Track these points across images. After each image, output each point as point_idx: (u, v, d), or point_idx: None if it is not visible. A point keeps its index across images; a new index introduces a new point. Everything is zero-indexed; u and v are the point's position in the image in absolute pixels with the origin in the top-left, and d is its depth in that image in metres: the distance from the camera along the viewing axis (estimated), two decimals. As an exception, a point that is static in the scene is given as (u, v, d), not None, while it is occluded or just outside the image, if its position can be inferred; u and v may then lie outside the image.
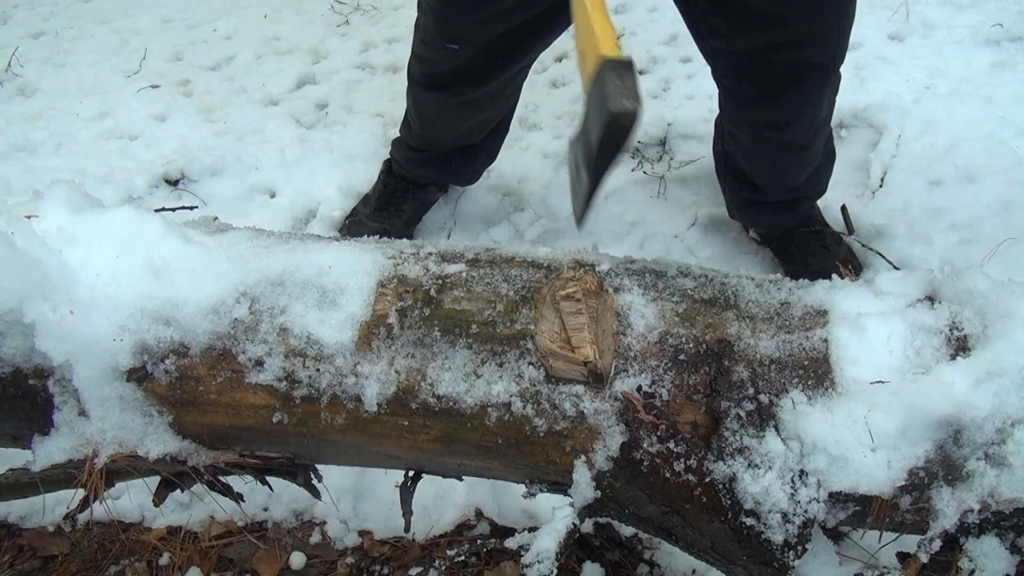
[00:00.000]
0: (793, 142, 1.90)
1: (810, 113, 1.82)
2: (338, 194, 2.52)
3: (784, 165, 1.99)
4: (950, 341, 1.03)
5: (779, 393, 1.02)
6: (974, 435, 0.97)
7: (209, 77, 3.15)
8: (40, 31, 3.49)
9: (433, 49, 1.85)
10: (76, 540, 1.89)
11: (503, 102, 2.07)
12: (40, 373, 1.07)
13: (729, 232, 2.37)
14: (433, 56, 1.87)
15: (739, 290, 1.12)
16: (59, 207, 1.10)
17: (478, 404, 1.05)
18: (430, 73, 1.93)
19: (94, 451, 1.07)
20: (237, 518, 1.90)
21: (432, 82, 1.94)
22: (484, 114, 2.07)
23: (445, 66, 1.86)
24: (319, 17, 3.38)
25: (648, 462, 1.01)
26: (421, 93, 2.01)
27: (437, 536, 1.85)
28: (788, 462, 0.98)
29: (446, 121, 2.09)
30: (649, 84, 2.84)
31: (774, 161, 1.98)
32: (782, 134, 1.87)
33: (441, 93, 1.94)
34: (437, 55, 1.84)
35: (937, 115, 2.57)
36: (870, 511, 1.02)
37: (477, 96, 1.94)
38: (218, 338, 1.08)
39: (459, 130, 2.12)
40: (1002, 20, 2.82)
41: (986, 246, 2.14)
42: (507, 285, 1.10)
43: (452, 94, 1.93)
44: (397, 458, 1.16)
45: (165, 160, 2.71)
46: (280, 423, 1.09)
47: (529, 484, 1.14)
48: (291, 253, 1.15)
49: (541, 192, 2.48)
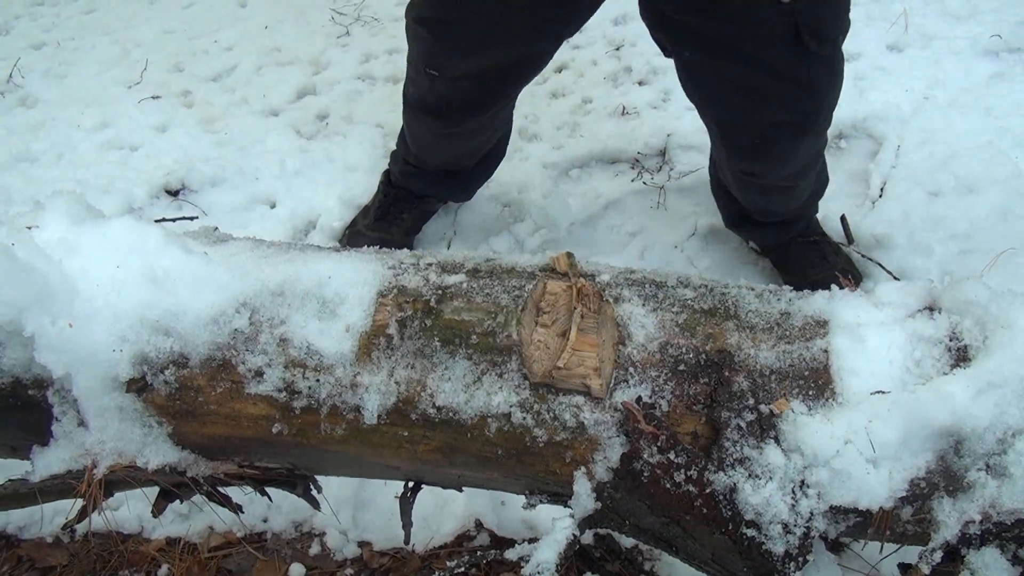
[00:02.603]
0: (773, 185, 1.92)
1: (785, 166, 1.82)
2: (338, 205, 2.52)
3: (767, 200, 2.01)
4: (950, 351, 1.02)
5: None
6: (975, 445, 0.97)
7: (210, 88, 3.15)
8: (42, 42, 3.51)
9: (416, 71, 1.85)
10: (75, 551, 1.88)
11: (492, 132, 2.08)
12: (40, 384, 1.07)
13: (729, 242, 2.37)
14: (417, 79, 1.87)
15: (739, 300, 1.12)
16: (60, 218, 1.11)
17: (478, 415, 1.05)
18: (418, 96, 1.93)
19: (93, 462, 1.07)
20: (236, 529, 1.89)
21: (420, 106, 1.94)
22: (473, 143, 2.08)
23: (429, 94, 1.86)
24: (320, 28, 3.39)
25: (648, 473, 1.01)
26: (413, 115, 2.02)
27: (437, 547, 1.84)
28: (789, 473, 0.98)
29: (437, 147, 2.10)
30: (649, 95, 2.85)
31: (757, 196, 2.00)
32: (758, 179, 1.88)
33: (429, 119, 1.95)
34: (420, 78, 1.84)
35: (936, 125, 2.58)
36: (871, 522, 1.02)
37: (462, 130, 1.95)
38: (218, 348, 1.08)
39: (450, 156, 2.14)
40: (1000, 31, 2.83)
41: (986, 256, 2.14)
42: (507, 296, 1.10)
43: (439, 124, 1.94)
44: (397, 469, 1.16)
45: (166, 171, 2.72)
46: (280, 434, 1.09)
47: (529, 495, 1.14)
48: (291, 263, 1.15)
49: (541, 202, 2.48)
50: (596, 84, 2.95)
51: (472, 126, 1.94)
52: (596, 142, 2.69)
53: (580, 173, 2.64)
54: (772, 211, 2.05)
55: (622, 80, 2.96)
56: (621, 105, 2.82)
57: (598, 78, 2.97)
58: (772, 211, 2.05)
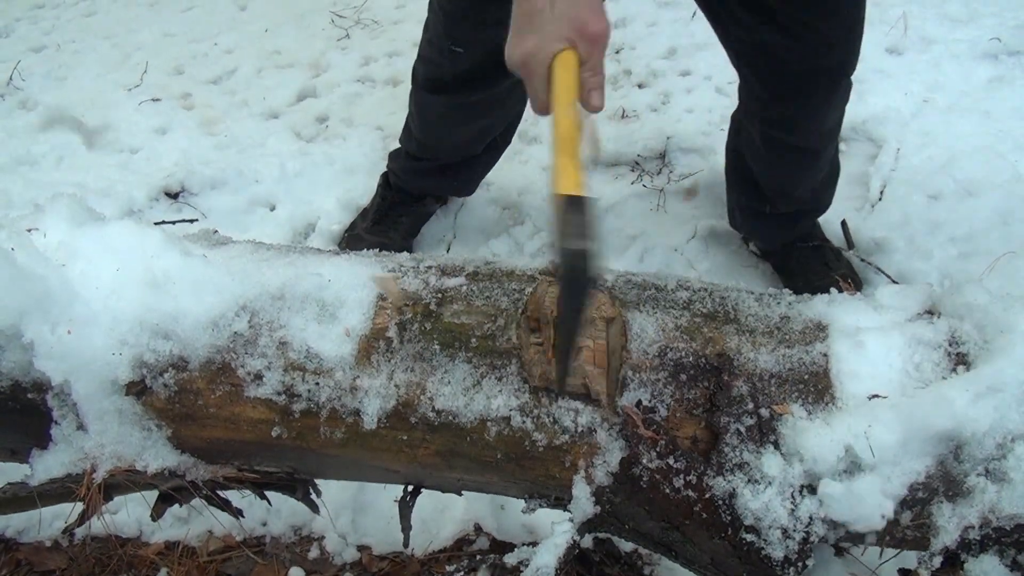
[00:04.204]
0: (798, 145, 1.90)
1: (818, 118, 1.83)
2: (338, 207, 2.52)
3: (790, 169, 1.98)
4: (950, 355, 1.02)
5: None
6: (974, 450, 0.97)
7: (210, 91, 3.16)
8: (42, 45, 3.51)
9: (439, 50, 1.86)
10: (74, 555, 1.88)
11: (505, 111, 2.07)
12: (39, 387, 1.06)
13: (729, 245, 2.37)
14: (438, 58, 1.87)
15: (739, 304, 1.12)
16: (60, 220, 1.11)
17: (477, 418, 1.05)
18: (433, 76, 1.93)
19: (92, 465, 1.07)
20: (235, 533, 1.89)
21: (435, 86, 1.94)
22: (485, 121, 2.07)
23: (448, 70, 1.87)
24: (320, 31, 3.40)
25: (648, 477, 1.01)
26: (424, 96, 2.02)
27: (436, 551, 1.84)
28: (788, 478, 0.98)
29: (446, 127, 2.09)
30: (648, 98, 2.85)
31: (781, 163, 1.97)
32: (788, 135, 1.87)
33: (443, 97, 1.95)
34: (442, 57, 1.85)
35: (936, 129, 2.58)
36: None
37: (478, 100, 1.94)
38: (217, 352, 1.07)
39: (459, 139, 2.12)
40: (1000, 34, 2.83)
41: (985, 260, 2.14)
42: (507, 299, 1.10)
43: (454, 98, 1.93)
44: (396, 472, 1.16)
45: (165, 173, 2.72)
46: (279, 437, 1.09)
47: (528, 499, 1.14)
48: (291, 266, 1.15)
49: (541, 205, 2.48)
50: (596, 87, 2.95)
51: (487, 97, 1.93)
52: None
53: (580, 176, 2.63)
54: (790, 189, 2.02)
55: (622, 83, 2.97)
56: (621, 108, 2.83)
57: (598, 81, 2.97)
58: (790, 189, 2.02)
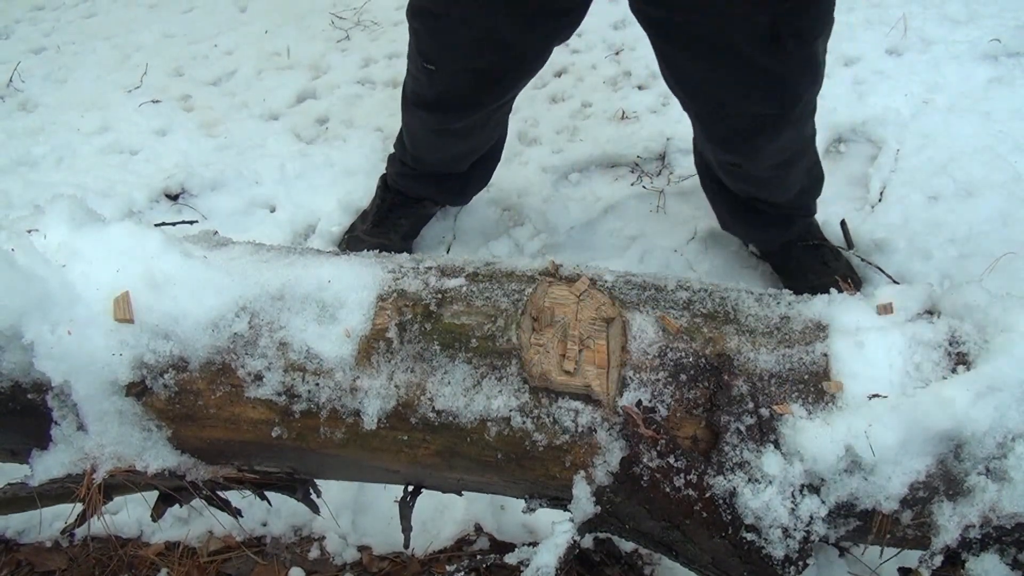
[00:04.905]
0: (758, 176, 1.93)
1: (767, 157, 1.83)
2: (338, 209, 2.53)
3: (756, 190, 2.02)
4: (950, 355, 1.02)
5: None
6: (975, 449, 0.97)
7: (210, 92, 3.16)
8: (42, 46, 3.51)
9: (415, 65, 1.86)
10: (74, 555, 1.88)
11: (486, 135, 2.09)
12: (39, 388, 1.06)
13: (729, 246, 2.37)
14: (416, 72, 1.88)
15: (739, 304, 1.12)
16: (60, 222, 1.11)
17: (477, 418, 1.05)
18: (416, 91, 1.94)
19: (92, 466, 1.07)
20: (236, 533, 1.89)
21: (418, 99, 1.95)
22: (467, 144, 2.09)
23: (427, 88, 1.88)
24: (320, 32, 3.40)
25: (648, 477, 1.01)
26: (410, 110, 2.03)
27: (436, 551, 1.84)
28: (788, 477, 0.98)
29: (431, 145, 2.11)
30: (648, 99, 2.86)
31: (745, 185, 2.01)
32: (744, 170, 1.90)
33: (424, 113, 1.96)
34: (418, 72, 1.86)
35: (936, 130, 2.58)
36: (871, 526, 1.02)
37: (457, 128, 1.96)
38: (217, 352, 1.07)
39: (444, 157, 2.14)
40: (1000, 35, 2.83)
41: (985, 260, 2.14)
42: (507, 299, 1.10)
43: (433, 120, 1.95)
44: (396, 473, 1.16)
45: (165, 175, 2.72)
46: (279, 437, 1.09)
47: (529, 499, 1.14)
48: (291, 267, 1.15)
49: (540, 206, 2.48)
50: (595, 88, 2.96)
51: (466, 124, 1.94)
52: (596, 146, 2.69)
53: (580, 177, 2.64)
54: (762, 200, 2.04)
55: (622, 84, 2.97)
56: (620, 109, 2.83)
57: (597, 82, 2.98)
58: (762, 200, 2.04)
